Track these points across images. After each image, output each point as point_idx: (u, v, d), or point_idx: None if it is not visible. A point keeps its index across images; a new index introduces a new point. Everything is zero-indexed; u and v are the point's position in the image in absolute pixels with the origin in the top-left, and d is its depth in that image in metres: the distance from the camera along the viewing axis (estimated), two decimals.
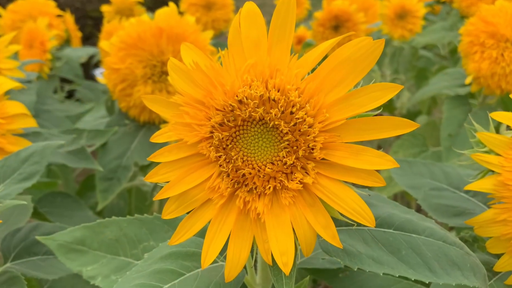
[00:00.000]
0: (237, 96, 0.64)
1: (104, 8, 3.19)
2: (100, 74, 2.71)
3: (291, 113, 0.63)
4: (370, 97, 0.61)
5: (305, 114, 0.62)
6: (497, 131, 0.97)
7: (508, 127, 0.96)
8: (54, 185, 2.19)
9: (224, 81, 0.65)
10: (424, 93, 2.11)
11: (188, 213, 0.70)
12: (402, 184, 1.18)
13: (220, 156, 0.67)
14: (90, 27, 4.88)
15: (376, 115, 0.63)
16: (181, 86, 0.68)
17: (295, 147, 0.64)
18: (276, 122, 0.64)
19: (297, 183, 0.64)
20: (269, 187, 0.65)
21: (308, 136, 0.63)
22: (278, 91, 0.63)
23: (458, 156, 1.69)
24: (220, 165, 0.67)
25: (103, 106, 2.13)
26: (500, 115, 0.87)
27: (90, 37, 4.65)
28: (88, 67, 3.86)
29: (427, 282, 0.72)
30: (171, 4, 1.69)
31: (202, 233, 0.69)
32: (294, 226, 0.65)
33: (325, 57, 0.63)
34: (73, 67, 2.81)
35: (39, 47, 2.27)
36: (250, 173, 0.66)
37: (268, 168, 0.65)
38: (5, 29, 2.58)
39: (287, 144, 0.64)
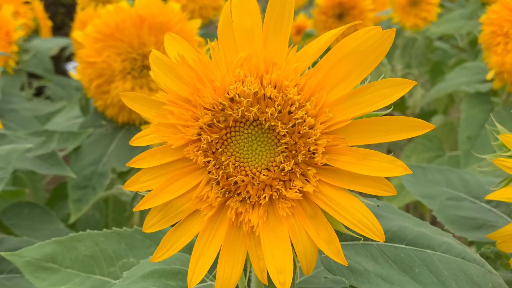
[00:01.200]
0: (228, 93, 0.64)
1: None
2: (73, 68, 2.70)
3: (290, 112, 0.63)
4: (378, 95, 0.61)
5: (305, 113, 0.62)
6: None
7: None
8: (21, 194, 2.18)
9: (214, 76, 0.65)
10: (440, 90, 2.11)
11: (172, 226, 0.70)
12: (415, 193, 1.19)
13: (209, 162, 0.67)
14: (61, 15, 4.88)
15: (385, 115, 0.64)
16: (164, 82, 0.68)
17: (294, 151, 0.64)
18: (273, 123, 0.64)
19: (296, 192, 0.64)
20: (265, 197, 0.65)
21: (309, 138, 0.63)
22: (274, 88, 0.63)
23: (478, 161, 1.70)
24: (209, 172, 0.67)
25: (77, 105, 2.13)
26: None
27: (61, 26, 4.65)
28: (60, 60, 3.86)
29: None
30: None
31: (188, 249, 0.69)
32: (293, 240, 0.64)
33: (328, 49, 0.63)
34: (42, 61, 2.81)
35: (3, 38, 2.26)
36: (243, 181, 0.66)
37: (264, 175, 0.65)
38: None
39: (285, 147, 0.64)
